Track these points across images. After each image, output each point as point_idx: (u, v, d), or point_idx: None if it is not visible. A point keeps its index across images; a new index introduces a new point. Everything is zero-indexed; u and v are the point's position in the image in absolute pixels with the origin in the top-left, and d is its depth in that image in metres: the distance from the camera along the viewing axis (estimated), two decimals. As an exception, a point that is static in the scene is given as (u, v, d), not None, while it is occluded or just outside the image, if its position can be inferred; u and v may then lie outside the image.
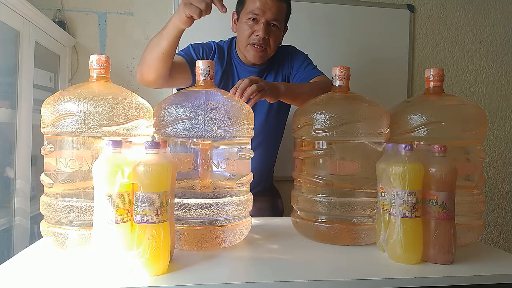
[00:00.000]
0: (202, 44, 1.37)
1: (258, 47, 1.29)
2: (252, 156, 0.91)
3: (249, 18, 1.28)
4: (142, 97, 0.87)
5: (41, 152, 0.82)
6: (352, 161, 0.92)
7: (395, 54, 2.04)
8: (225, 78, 1.37)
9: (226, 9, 1.01)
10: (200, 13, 0.99)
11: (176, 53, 1.21)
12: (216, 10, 1.01)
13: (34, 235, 1.42)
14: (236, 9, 1.37)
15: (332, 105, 0.94)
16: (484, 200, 0.97)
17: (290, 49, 1.45)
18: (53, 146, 0.80)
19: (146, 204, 0.66)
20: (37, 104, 1.44)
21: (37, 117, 1.12)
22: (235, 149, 0.87)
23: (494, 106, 2.15)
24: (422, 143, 0.93)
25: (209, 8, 1.00)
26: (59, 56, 1.73)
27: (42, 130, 0.82)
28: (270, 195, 1.54)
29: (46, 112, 0.80)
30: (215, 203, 0.83)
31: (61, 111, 0.77)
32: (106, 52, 1.85)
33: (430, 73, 0.98)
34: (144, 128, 0.84)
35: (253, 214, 0.98)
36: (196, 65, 0.90)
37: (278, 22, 1.30)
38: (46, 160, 0.81)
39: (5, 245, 1.33)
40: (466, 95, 2.12)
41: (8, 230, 1.32)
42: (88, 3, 1.83)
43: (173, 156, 0.78)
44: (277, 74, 1.41)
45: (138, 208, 0.67)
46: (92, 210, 0.75)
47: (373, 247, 0.88)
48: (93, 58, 0.84)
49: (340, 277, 0.71)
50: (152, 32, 1.85)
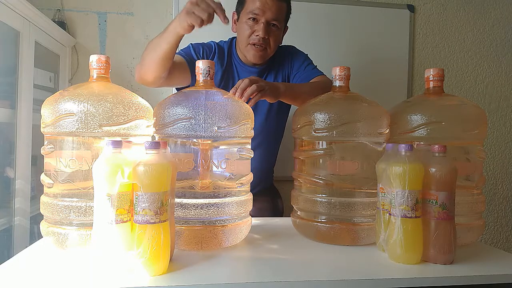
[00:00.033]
0: (202, 44, 1.37)
1: (258, 46, 1.29)
2: (252, 156, 0.91)
3: (249, 18, 1.28)
4: (142, 97, 0.88)
5: (41, 152, 0.82)
6: (352, 161, 0.92)
7: (395, 54, 2.04)
8: (225, 78, 1.37)
9: (228, 21, 1.02)
10: (202, 23, 0.99)
11: (176, 53, 1.21)
12: (216, 18, 1.01)
13: (34, 235, 1.42)
14: (236, 9, 1.37)
15: (332, 105, 0.94)
16: (484, 200, 0.98)
17: (290, 49, 1.45)
18: (53, 146, 0.80)
19: (146, 204, 0.66)
20: (37, 104, 1.44)
21: (37, 117, 1.12)
22: (235, 149, 0.87)
23: (494, 106, 2.15)
24: (422, 143, 0.93)
25: (211, 18, 1.00)
26: (59, 56, 1.73)
27: (42, 130, 0.82)
28: (270, 195, 1.54)
29: (46, 112, 0.80)
30: (215, 203, 0.83)
31: (61, 111, 0.77)
32: (106, 52, 1.85)
33: (430, 73, 0.98)
34: (144, 128, 0.84)
35: (253, 214, 0.98)
36: (196, 65, 0.90)
37: (278, 22, 1.30)
38: (46, 160, 0.81)
39: (5, 245, 1.33)
40: (466, 95, 2.12)
41: (8, 230, 1.32)
42: (88, 3, 1.83)
43: (173, 156, 0.78)
44: (277, 74, 1.41)
45: (138, 208, 0.67)
46: (92, 210, 0.75)
47: (373, 247, 0.88)
48: (93, 58, 0.84)
49: (340, 277, 0.71)
50: (152, 32, 1.85)
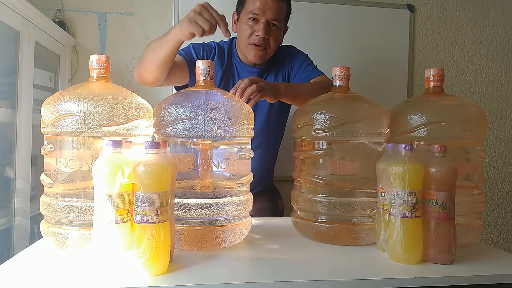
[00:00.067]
0: (202, 44, 1.37)
1: (258, 46, 1.29)
2: (252, 156, 0.91)
3: (249, 18, 1.28)
4: (142, 97, 0.88)
5: (41, 152, 0.82)
6: (352, 161, 0.92)
7: (395, 54, 2.04)
8: (225, 78, 1.37)
9: (230, 34, 1.02)
10: (203, 33, 0.99)
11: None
12: (218, 30, 1.01)
13: (34, 235, 1.42)
14: (236, 9, 1.37)
15: (332, 105, 0.94)
16: (484, 200, 0.97)
17: (291, 49, 1.45)
18: (53, 146, 0.80)
19: (146, 204, 0.66)
20: (37, 104, 1.44)
21: (37, 117, 1.12)
22: (235, 149, 0.87)
23: (494, 106, 2.15)
24: (422, 143, 0.93)
25: (213, 29, 1.00)
26: (59, 56, 1.73)
27: (42, 130, 0.82)
28: (270, 195, 1.54)
29: (46, 112, 0.80)
30: (215, 203, 0.83)
31: (61, 111, 0.77)
32: (106, 52, 1.85)
33: (430, 73, 0.98)
34: (144, 128, 0.84)
35: (253, 214, 0.98)
36: (196, 65, 0.90)
37: (278, 22, 1.30)
38: (46, 160, 0.81)
39: (5, 245, 1.33)
40: (466, 95, 2.11)
41: (8, 230, 1.32)
42: (88, 3, 1.83)
43: (173, 156, 0.78)
44: (277, 74, 1.41)
45: (138, 208, 0.67)
46: (92, 210, 0.75)
47: (373, 247, 0.88)
48: (93, 58, 0.84)
49: (340, 277, 0.71)
50: (152, 32, 1.85)
